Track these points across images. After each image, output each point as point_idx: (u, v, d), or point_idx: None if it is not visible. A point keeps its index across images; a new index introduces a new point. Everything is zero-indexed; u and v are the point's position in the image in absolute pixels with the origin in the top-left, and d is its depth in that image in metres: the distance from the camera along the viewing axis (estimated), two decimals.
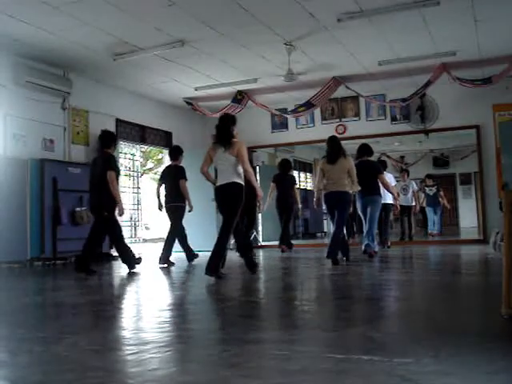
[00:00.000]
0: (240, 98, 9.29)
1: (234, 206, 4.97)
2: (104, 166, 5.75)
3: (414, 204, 10.97)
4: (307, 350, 2.17)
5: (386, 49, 7.51)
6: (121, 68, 7.91)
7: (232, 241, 6.38)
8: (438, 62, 8.02)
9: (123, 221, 9.74)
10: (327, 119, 10.29)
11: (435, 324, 2.68)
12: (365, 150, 7.16)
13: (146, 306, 3.83)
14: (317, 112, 10.07)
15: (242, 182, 5.05)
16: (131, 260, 5.95)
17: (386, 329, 2.63)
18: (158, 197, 7.11)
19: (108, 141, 6.04)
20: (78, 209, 7.51)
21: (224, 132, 5.16)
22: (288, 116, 9.84)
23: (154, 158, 19.46)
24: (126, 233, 10.31)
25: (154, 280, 5.40)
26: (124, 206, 6.12)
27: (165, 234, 7.01)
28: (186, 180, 6.89)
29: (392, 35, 7.00)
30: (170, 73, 8.33)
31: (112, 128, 8.91)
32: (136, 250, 6.59)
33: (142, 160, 19.44)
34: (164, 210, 6.98)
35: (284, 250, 8.62)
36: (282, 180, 8.71)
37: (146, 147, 12.59)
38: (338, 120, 10.19)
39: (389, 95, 9.66)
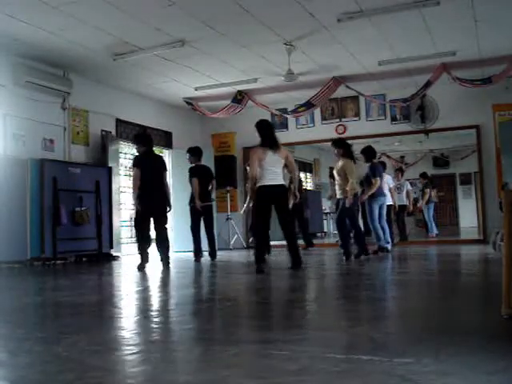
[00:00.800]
0: (240, 98, 9.29)
1: (287, 204, 5.53)
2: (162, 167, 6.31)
3: (407, 204, 10.98)
4: (307, 350, 2.17)
5: (386, 49, 7.51)
6: (121, 68, 7.91)
7: None
8: (438, 62, 8.03)
9: (123, 221, 9.75)
10: (327, 119, 10.29)
11: (435, 324, 2.67)
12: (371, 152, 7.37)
13: (146, 306, 3.83)
14: (317, 112, 10.08)
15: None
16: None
17: (386, 329, 2.63)
18: (196, 194, 7.24)
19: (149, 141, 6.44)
20: (77, 209, 7.51)
21: (273, 136, 5.57)
22: (288, 116, 9.84)
23: None
24: (126, 233, 10.31)
25: (153, 280, 5.40)
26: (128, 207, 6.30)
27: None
28: None
29: (392, 35, 7.00)
30: (170, 73, 8.33)
31: (112, 128, 8.92)
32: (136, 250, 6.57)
33: None
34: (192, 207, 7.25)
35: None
36: None
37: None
38: (338, 120, 10.19)
39: (389, 95, 9.66)
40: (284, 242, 5.62)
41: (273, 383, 1.77)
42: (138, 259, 6.24)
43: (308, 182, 16.50)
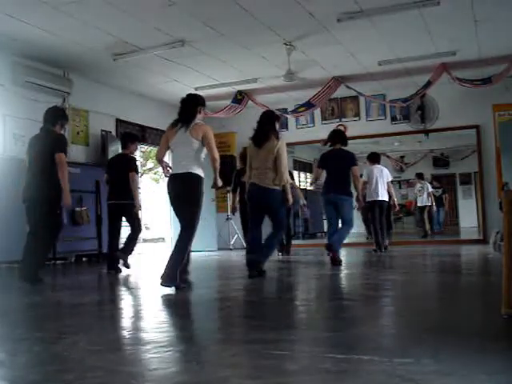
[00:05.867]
0: (240, 98, 9.29)
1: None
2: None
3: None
4: (307, 350, 2.17)
5: (386, 49, 7.50)
6: (121, 68, 7.90)
7: None
8: (438, 62, 8.02)
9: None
10: (327, 119, 10.29)
11: (435, 324, 2.67)
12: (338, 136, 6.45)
13: (146, 306, 3.83)
14: (317, 112, 10.07)
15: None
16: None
17: (386, 329, 2.63)
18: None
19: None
20: (77, 209, 7.51)
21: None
22: (288, 116, 9.83)
23: (154, 157, 19.44)
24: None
25: (153, 280, 5.40)
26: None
27: (164, 234, 7.00)
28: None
29: (392, 35, 7.00)
30: (170, 73, 8.33)
31: (112, 128, 8.92)
32: (136, 249, 6.57)
33: (142, 160, 19.47)
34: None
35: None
36: None
37: (146, 147, 12.59)
38: (338, 120, 10.18)
39: (389, 95, 9.65)
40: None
41: (273, 383, 1.77)
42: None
43: (308, 181, 16.48)
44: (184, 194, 4.17)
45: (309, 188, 15.69)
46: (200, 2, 5.78)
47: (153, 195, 17.33)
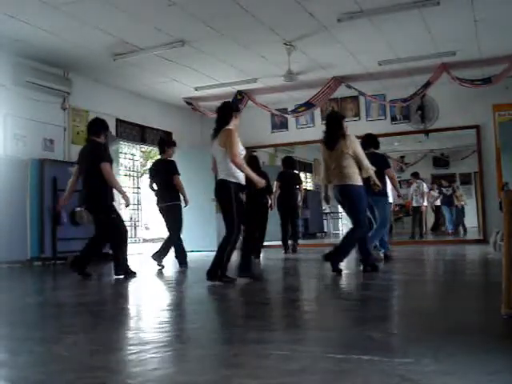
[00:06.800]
0: (240, 98, 9.29)
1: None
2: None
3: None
4: (307, 350, 2.17)
5: (385, 49, 7.51)
6: (121, 68, 7.91)
7: None
8: (438, 62, 8.03)
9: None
10: None
11: (435, 324, 2.67)
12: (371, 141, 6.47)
13: (146, 306, 3.83)
14: (317, 112, 10.07)
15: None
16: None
17: (386, 329, 2.63)
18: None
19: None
20: (77, 209, 7.49)
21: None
22: (288, 116, 9.83)
23: (154, 157, 19.44)
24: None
25: (153, 280, 5.40)
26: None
27: (164, 234, 6.99)
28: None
29: (392, 35, 7.00)
30: (170, 73, 8.33)
31: (112, 128, 8.91)
32: (136, 249, 6.57)
33: (142, 160, 19.48)
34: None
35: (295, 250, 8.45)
36: (288, 178, 8.33)
37: (145, 147, 12.60)
38: None
39: (389, 95, 9.65)
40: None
41: (273, 383, 1.77)
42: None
43: (308, 181, 16.51)
44: (219, 201, 4.62)
45: (309, 188, 15.73)
46: (200, 2, 5.78)
47: (153, 195, 17.30)
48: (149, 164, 20.66)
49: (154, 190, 6.48)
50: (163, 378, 1.88)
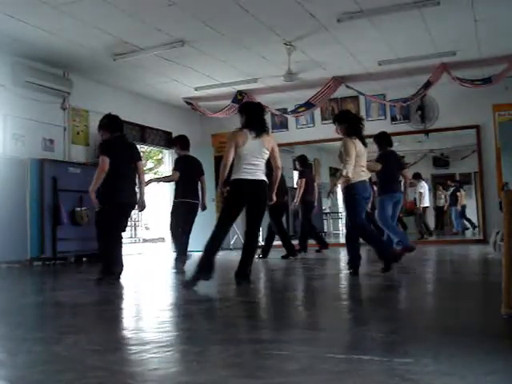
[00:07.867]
0: (240, 98, 9.28)
1: (264, 207, 4.61)
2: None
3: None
4: (307, 350, 2.17)
5: (386, 49, 7.51)
6: (121, 68, 7.91)
7: None
8: (438, 62, 8.02)
9: None
10: (327, 119, 10.27)
11: (435, 324, 2.68)
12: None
13: (146, 306, 3.83)
14: (317, 112, 10.07)
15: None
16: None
17: (386, 329, 2.63)
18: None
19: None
20: (77, 209, 7.50)
21: (261, 119, 4.47)
22: (288, 116, 9.83)
23: (154, 157, 19.47)
24: (126, 233, 10.30)
25: (153, 280, 5.40)
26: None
27: (164, 234, 6.97)
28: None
29: (392, 35, 7.00)
30: (170, 73, 8.33)
31: None
32: (136, 250, 6.56)
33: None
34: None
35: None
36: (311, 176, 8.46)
37: (146, 147, 12.59)
38: None
39: (389, 95, 9.65)
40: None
41: (273, 383, 1.77)
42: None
43: None
44: (259, 200, 4.48)
45: None
46: (200, 2, 5.78)
47: (152, 195, 17.32)
48: (149, 164, 20.72)
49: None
50: (163, 378, 1.88)
